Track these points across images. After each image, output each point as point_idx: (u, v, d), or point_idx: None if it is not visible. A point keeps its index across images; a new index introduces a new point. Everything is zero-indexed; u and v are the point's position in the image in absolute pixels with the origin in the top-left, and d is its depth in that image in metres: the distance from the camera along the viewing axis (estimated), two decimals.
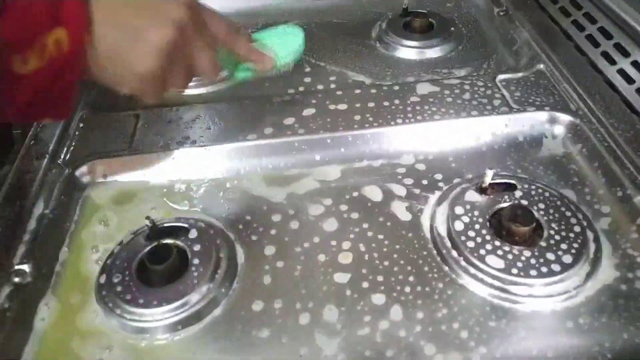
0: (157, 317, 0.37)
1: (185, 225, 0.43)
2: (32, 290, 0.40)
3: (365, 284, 0.40)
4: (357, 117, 0.51)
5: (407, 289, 0.39)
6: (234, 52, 0.42)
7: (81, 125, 0.52)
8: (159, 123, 0.52)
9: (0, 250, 0.40)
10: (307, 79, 0.60)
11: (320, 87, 0.58)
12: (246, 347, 0.37)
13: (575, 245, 0.40)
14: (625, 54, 0.55)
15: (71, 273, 0.42)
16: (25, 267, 0.40)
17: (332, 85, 0.59)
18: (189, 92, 0.58)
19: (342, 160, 0.50)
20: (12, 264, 0.40)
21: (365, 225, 0.44)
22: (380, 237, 0.43)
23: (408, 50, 0.63)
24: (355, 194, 0.47)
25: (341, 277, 0.40)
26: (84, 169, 0.48)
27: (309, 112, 0.53)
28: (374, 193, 0.47)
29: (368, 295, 0.39)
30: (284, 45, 0.46)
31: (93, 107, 0.54)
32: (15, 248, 0.41)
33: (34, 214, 0.43)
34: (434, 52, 0.63)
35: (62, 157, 0.49)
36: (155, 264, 0.39)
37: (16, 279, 0.39)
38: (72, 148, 0.50)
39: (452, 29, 0.65)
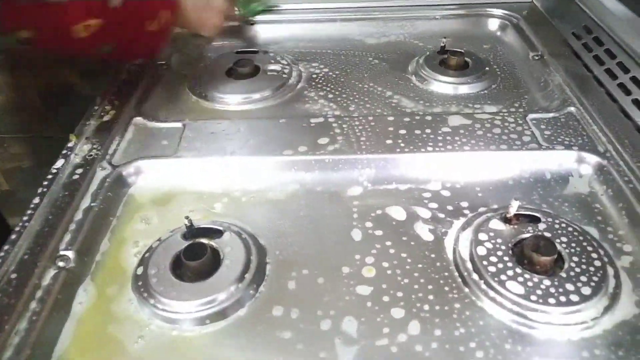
0: (187, 309, 0.39)
1: (220, 228, 0.45)
2: (73, 275, 0.42)
3: (386, 298, 0.41)
4: (389, 142, 0.54)
5: (427, 306, 0.40)
6: None
7: (132, 131, 0.56)
8: (202, 133, 0.55)
9: (49, 236, 0.43)
10: (343, 104, 0.63)
11: (355, 114, 0.61)
12: (268, 346, 0.38)
13: (595, 278, 0.40)
14: None
15: (110, 263, 0.44)
16: (69, 254, 0.43)
17: (365, 111, 0.61)
18: (231, 108, 0.62)
19: (370, 181, 0.52)
20: (57, 249, 0.43)
21: (388, 243, 0.45)
22: (404, 255, 0.44)
23: (442, 85, 0.66)
24: (380, 212, 0.49)
25: (363, 290, 0.42)
26: (130, 169, 0.51)
27: (342, 134, 0.55)
28: (398, 213, 0.48)
29: (388, 309, 0.40)
30: None
31: (144, 116, 0.58)
32: (62, 235, 0.44)
33: (81, 206, 0.47)
34: (467, 89, 0.65)
35: (111, 157, 0.52)
36: (190, 260, 0.41)
37: (60, 263, 0.42)
38: (121, 150, 0.53)
39: (487, 68, 0.68)
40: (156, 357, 0.38)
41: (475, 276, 0.42)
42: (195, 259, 0.41)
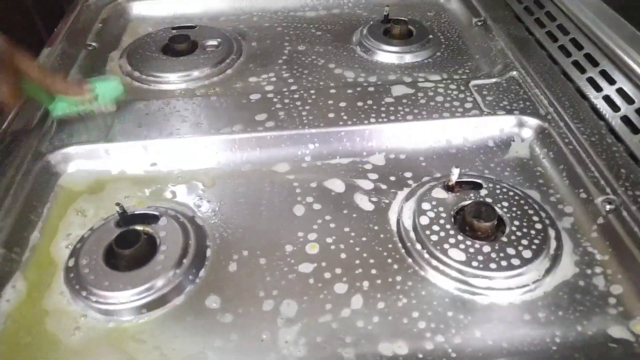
0: (121, 299, 0.38)
1: (156, 213, 0.43)
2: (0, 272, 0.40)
3: (327, 274, 0.40)
4: (331, 115, 0.52)
5: (370, 280, 0.40)
6: (50, 88, 0.49)
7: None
8: (136, 115, 0.53)
9: None
10: (283, 76, 0.61)
11: (294, 87, 0.59)
12: (208, 332, 0.37)
13: (536, 241, 0.41)
14: (595, 63, 0.57)
15: (41, 257, 0.42)
16: None
17: (308, 85, 0.60)
18: (168, 87, 0.59)
19: (313, 156, 0.51)
20: None
21: (331, 217, 0.45)
22: (347, 229, 0.44)
23: (387, 55, 0.64)
24: (323, 187, 0.47)
25: (306, 267, 0.41)
26: (59, 157, 0.49)
27: (283, 109, 0.54)
28: (342, 187, 0.48)
29: (331, 285, 0.40)
30: (105, 88, 0.52)
31: None
32: None
33: (7, 199, 0.44)
34: (411, 58, 0.64)
35: (39, 145, 0.49)
36: (123, 248, 0.39)
37: None
38: (49, 137, 0.50)
39: (431, 36, 0.67)
40: (94, 348, 0.36)
41: (418, 246, 0.41)
42: (128, 246, 0.39)
